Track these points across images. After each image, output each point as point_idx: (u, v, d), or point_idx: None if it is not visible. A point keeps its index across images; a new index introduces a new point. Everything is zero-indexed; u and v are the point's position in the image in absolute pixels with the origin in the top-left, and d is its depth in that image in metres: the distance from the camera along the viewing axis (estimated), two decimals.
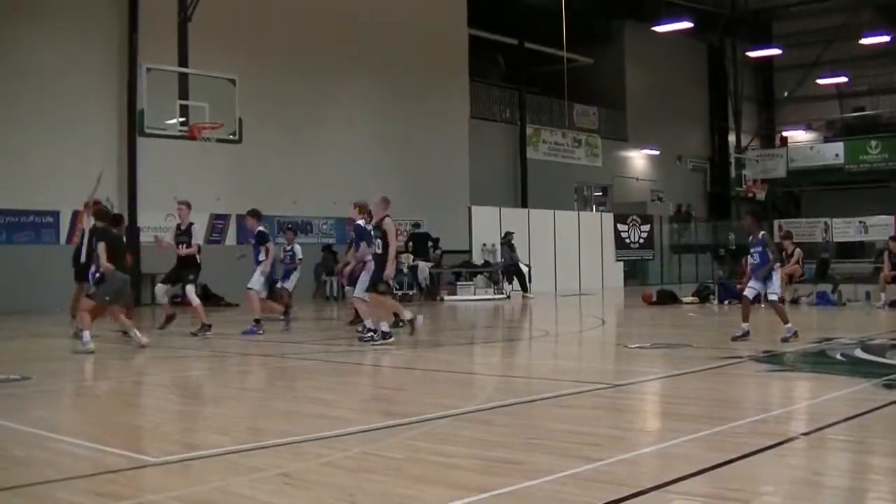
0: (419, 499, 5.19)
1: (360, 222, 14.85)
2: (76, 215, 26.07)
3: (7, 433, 7.55)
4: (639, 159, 48.86)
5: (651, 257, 41.04)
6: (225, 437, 7.15)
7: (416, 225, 33.03)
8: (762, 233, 15.17)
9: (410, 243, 31.31)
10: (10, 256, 24.99)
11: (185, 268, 17.30)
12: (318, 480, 5.78)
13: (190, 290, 17.27)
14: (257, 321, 17.10)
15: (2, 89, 25.32)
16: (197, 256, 17.25)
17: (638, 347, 14.12)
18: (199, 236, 17.76)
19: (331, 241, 32.26)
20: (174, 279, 17.55)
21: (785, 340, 14.10)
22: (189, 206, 17.74)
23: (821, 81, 50.36)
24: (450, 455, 6.45)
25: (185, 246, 17.06)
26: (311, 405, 9.02)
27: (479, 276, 31.40)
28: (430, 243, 31.77)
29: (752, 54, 49.76)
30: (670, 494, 5.28)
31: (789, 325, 14.28)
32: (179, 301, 19.29)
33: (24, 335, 18.12)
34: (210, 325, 16.72)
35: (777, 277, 14.82)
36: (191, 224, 17.38)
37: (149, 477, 6.01)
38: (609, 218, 39.09)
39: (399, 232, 22.85)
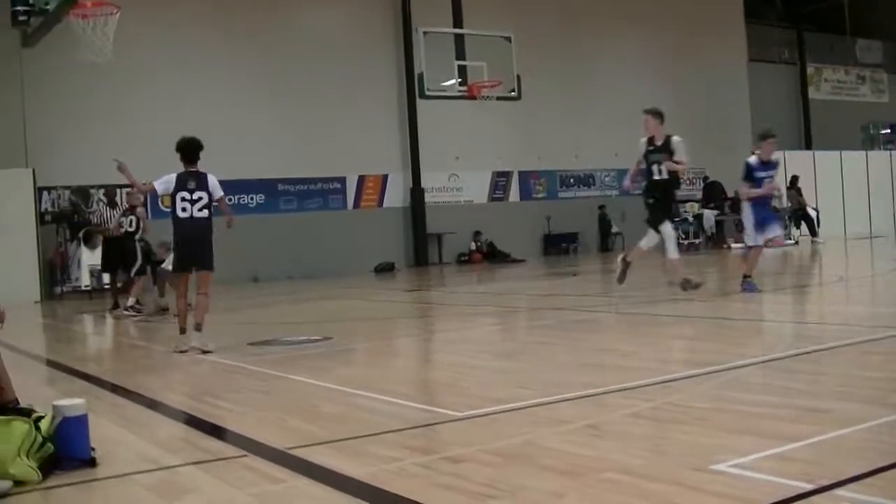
0: (729, 448, 4.97)
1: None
2: (362, 181, 27.07)
3: (316, 391, 7.81)
4: None
5: None
6: (527, 390, 7.12)
7: (706, 178, 32.35)
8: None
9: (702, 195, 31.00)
10: (301, 223, 26.05)
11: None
12: (624, 431, 5.67)
13: None
14: None
15: (278, 64, 26.36)
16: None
17: None
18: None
19: (614, 192, 32.14)
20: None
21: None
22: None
23: None
24: (757, 404, 6.19)
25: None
26: (610, 357, 8.92)
27: None
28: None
29: None
30: None
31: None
32: None
33: (317, 297, 18.82)
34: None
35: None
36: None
37: (456, 430, 6.04)
38: None
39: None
